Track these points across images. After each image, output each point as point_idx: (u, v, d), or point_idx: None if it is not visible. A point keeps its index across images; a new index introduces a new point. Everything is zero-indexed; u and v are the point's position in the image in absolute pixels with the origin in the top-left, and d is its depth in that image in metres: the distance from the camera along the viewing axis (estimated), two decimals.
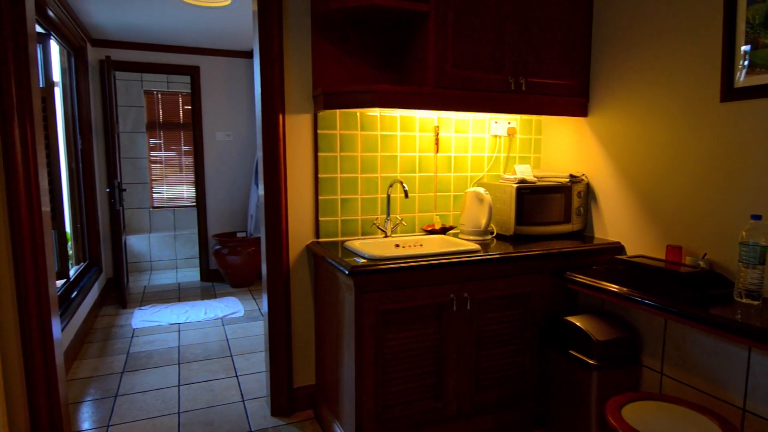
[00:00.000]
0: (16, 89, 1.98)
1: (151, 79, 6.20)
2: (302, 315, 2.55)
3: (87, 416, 2.61)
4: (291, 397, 2.57)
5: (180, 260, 6.25)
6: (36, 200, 2.06)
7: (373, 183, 2.58)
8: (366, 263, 1.96)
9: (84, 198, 4.45)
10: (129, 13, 3.88)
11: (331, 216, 2.51)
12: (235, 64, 5.31)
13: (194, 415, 2.59)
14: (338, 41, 2.44)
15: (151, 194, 6.40)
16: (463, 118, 2.75)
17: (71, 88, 4.34)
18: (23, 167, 2.02)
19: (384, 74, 2.54)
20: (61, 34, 3.80)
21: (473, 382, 2.22)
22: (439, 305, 2.10)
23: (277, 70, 2.34)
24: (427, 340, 2.10)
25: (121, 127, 6.05)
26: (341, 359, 2.15)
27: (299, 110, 2.43)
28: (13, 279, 2.05)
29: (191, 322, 4.10)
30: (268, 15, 2.29)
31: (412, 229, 2.70)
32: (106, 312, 4.41)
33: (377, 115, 2.55)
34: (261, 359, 3.32)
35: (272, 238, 2.43)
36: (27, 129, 2.02)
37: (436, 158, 2.71)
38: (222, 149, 5.38)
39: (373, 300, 1.96)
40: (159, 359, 3.34)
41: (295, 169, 2.45)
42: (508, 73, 2.40)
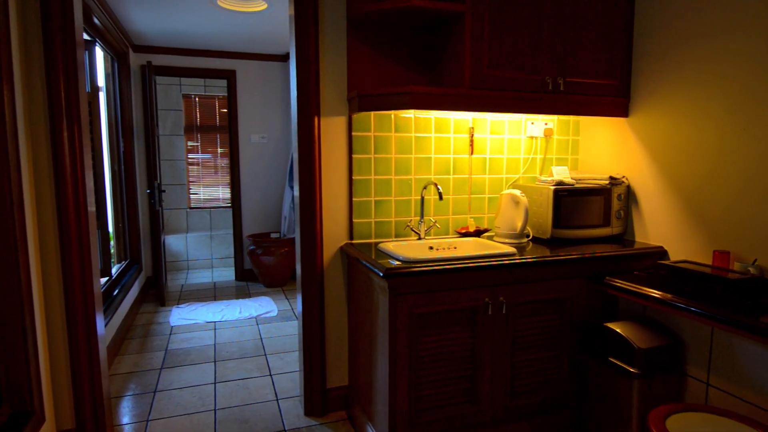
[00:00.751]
0: (65, 94, 2.07)
1: (189, 83, 6.37)
2: (335, 316, 2.57)
3: (127, 410, 2.69)
4: (324, 398, 2.58)
5: (216, 260, 6.40)
6: (83, 200, 2.14)
7: (407, 185, 2.57)
8: (400, 265, 1.95)
9: (126, 198, 4.61)
10: (169, 19, 4.00)
11: (364, 218, 2.52)
12: (270, 68, 5.40)
13: (230, 413, 2.64)
14: (373, 43, 2.44)
15: (189, 195, 6.56)
16: (498, 119, 2.71)
17: (114, 93, 4.50)
18: (71, 169, 2.10)
19: (419, 76, 2.53)
20: (106, 40, 3.95)
21: (508, 387, 2.19)
22: (473, 309, 2.07)
23: (313, 73, 2.36)
24: (461, 344, 2.08)
25: (161, 130, 6.23)
26: (374, 361, 2.15)
27: (334, 112, 2.45)
28: (61, 276, 2.13)
29: (226, 321, 4.18)
30: (304, 18, 2.32)
31: (446, 232, 2.67)
32: (145, 309, 4.54)
33: (411, 116, 2.54)
34: (294, 359, 3.36)
35: (307, 239, 2.45)
36: (75, 132, 2.11)
37: (470, 160, 2.68)
38: (257, 151, 5.47)
39: (407, 302, 1.95)
40: (196, 356, 3.42)
41: (329, 171, 2.47)
42: (546, 73, 2.35)
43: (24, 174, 1.95)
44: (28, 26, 2.00)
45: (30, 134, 2.04)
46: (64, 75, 2.06)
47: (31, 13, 2.00)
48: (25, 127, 1.99)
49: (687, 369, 2.15)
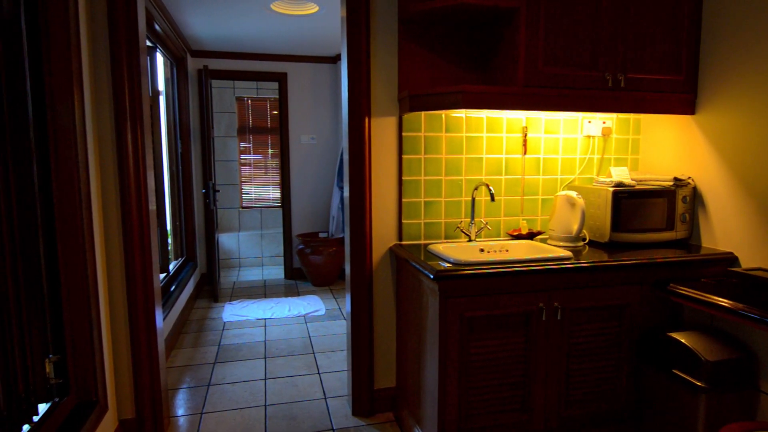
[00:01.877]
0: (129, 98, 2.16)
1: (242, 86, 6.56)
2: (384, 317, 2.56)
3: (182, 403, 2.78)
4: (372, 398, 2.58)
5: (266, 258, 6.55)
6: (144, 199, 2.23)
7: (458, 185, 2.53)
8: (451, 268, 1.92)
9: (183, 198, 4.79)
10: (224, 24, 4.12)
11: (414, 219, 2.50)
12: (320, 70, 5.48)
13: (279, 409, 2.69)
14: (424, 43, 2.42)
15: (241, 195, 6.76)
16: (553, 118, 2.62)
17: (173, 96, 4.69)
18: (134, 169, 2.19)
19: (470, 75, 2.49)
20: (166, 46, 4.12)
21: (562, 396, 2.11)
22: (527, 314, 2.01)
23: (364, 74, 2.36)
24: (513, 350, 2.02)
25: (215, 131, 6.45)
26: (423, 364, 2.13)
27: (384, 113, 2.44)
28: (124, 272, 2.23)
29: (276, 318, 4.27)
30: (356, 20, 2.32)
31: (497, 234, 2.61)
32: (199, 305, 4.71)
33: (463, 116, 2.50)
34: (342, 358, 3.38)
35: (356, 239, 2.45)
36: (137, 134, 2.20)
37: (523, 160, 2.61)
38: (306, 152, 5.56)
39: (458, 305, 1.92)
40: (247, 352, 3.51)
41: (379, 171, 2.46)
42: (605, 69, 2.25)
43: (91, 174, 2.06)
44: (96, 35, 2.11)
45: (97, 136, 2.15)
46: (129, 80, 2.16)
47: (100, 22, 2.11)
48: (92, 129, 2.10)
49: (760, 384, 2.00)
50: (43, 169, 1.80)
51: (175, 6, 3.64)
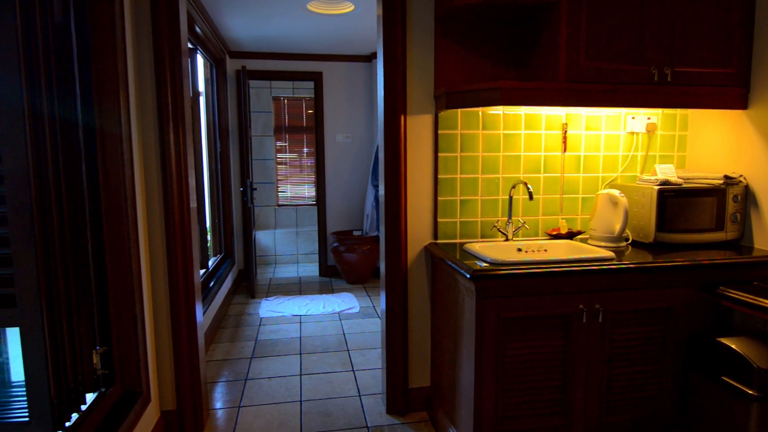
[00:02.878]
0: (171, 99, 2.22)
1: (278, 86, 6.66)
2: (419, 316, 2.55)
3: (220, 396, 2.85)
4: (406, 397, 2.58)
5: (301, 255, 6.64)
6: (186, 197, 2.29)
7: (494, 184, 2.49)
8: (488, 267, 1.89)
9: (221, 196, 4.90)
10: (262, 25, 4.19)
11: (450, 217, 2.47)
12: (354, 69, 5.50)
13: (314, 405, 2.71)
14: (461, 39, 2.39)
15: (277, 193, 6.87)
16: (595, 114, 2.54)
17: (213, 97, 4.80)
18: (176, 168, 2.25)
19: (508, 70, 2.44)
20: (206, 48, 4.22)
21: (603, 401, 2.04)
22: (566, 316, 1.96)
23: (400, 72, 2.35)
24: (552, 352, 1.97)
25: (253, 131, 6.57)
26: (459, 364, 2.11)
27: (420, 111, 2.42)
28: (167, 267, 2.30)
29: (311, 315, 4.32)
30: (392, 18, 2.32)
31: (535, 233, 2.56)
32: (237, 300, 4.81)
33: (500, 113, 2.46)
34: (376, 356, 3.38)
35: (391, 238, 2.45)
36: (180, 134, 2.26)
37: (563, 158, 2.54)
38: (341, 151, 5.59)
39: (495, 306, 1.89)
40: (283, 348, 3.56)
41: (414, 169, 2.45)
42: (651, 63, 2.16)
43: (136, 172, 2.12)
44: (140, 38, 2.18)
45: (141, 136, 2.22)
46: (171, 81, 2.22)
47: (144, 25, 2.17)
48: (137, 129, 2.17)
49: None
50: (91, 169, 1.87)
51: (215, 8, 3.72)
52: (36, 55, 1.43)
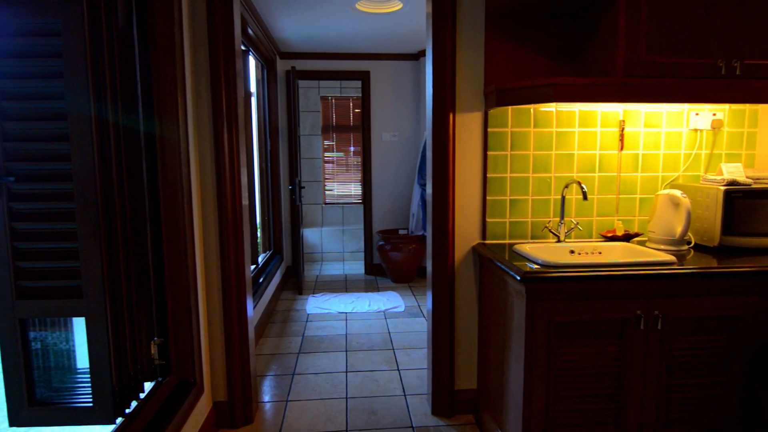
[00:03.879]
0: (225, 100, 2.29)
1: (326, 86, 6.75)
2: (466, 317, 2.51)
3: (269, 389, 2.92)
4: (452, 399, 2.55)
5: (347, 253, 6.71)
6: (238, 195, 2.35)
7: (546, 183, 2.42)
8: (539, 269, 1.83)
9: (271, 194, 5.02)
10: (311, 26, 4.25)
11: (499, 217, 2.42)
12: (402, 67, 5.49)
13: (360, 402, 2.73)
14: (511, 35, 2.33)
15: (324, 191, 6.97)
16: (655, 110, 2.42)
17: (263, 97, 4.92)
18: (229, 166, 2.32)
19: (561, 66, 2.36)
20: (257, 49, 4.33)
21: (661, 413, 1.94)
22: (622, 322, 1.87)
23: (450, 69, 2.32)
24: (606, 359, 1.89)
25: (301, 130, 6.69)
26: (507, 368, 2.06)
27: (469, 108, 2.39)
28: (220, 262, 2.37)
29: (357, 313, 4.35)
30: (442, 15, 2.29)
31: (589, 235, 2.46)
32: (285, 296, 4.91)
33: (553, 110, 2.38)
34: (421, 356, 3.37)
35: (438, 237, 2.43)
36: (233, 134, 2.33)
37: (620, 156, 2.44)
38: (388, 149, 5.60)
39: (546, 309, 1.83)
40: (329, 345, 3.60)
41: (463, 168, 2.41)
42: (718, 56, 2.04)
43: (192, 171, 2.20)
44: (197, 41, 2.25)
45: (197, 136, 2.30)
46: (225, 83, 2.29)
47: (200, 29, 2.25)
48: (193, 129, 2.25)
49: None
50: (150, 168, 1.96)
51: (266, 10, 3.81)
52: (102, 60, 1.51)
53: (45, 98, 1.43)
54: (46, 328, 1.62)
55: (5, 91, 1.40)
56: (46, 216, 1.47)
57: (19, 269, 1.46)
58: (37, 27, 1.41)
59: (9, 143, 1.42)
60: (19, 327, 1.49)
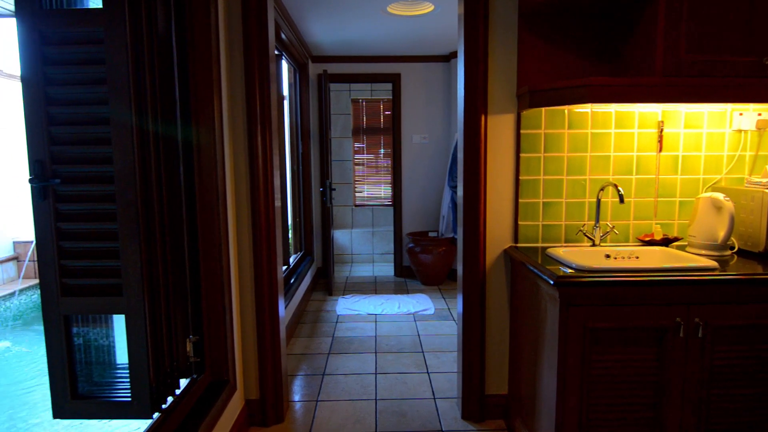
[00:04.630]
0: (259, 104, 2.33)
1: (357, 89, 6.80)
2: (497, 321, 2.48)
3: (299, 389, 2.95)
4: (482, 404, 2.52)
5: (376, 255, 6.73)
6: (271, 197, 2.39)
7: (580, 186, 2.37)
8: (573, 274, 1.79)
9: (302, 195, 5.09)
10: (342, 29, 4.29)
11: (531, 220, 2.39)
12: (432, 69, 5.48)
13: (389, 404, 2.73)
14: (545, 36, 2.30)
15: (354, 193, 7.01)
16: (695, 111, 2.34)
17: (296, 100, 4.99)
18: (262, 168, 2.36)
19: (597, 66, 2.31)
20: (290, 53, 4.39)
21: (702, 424, 1.87)
22: (661, 329, 1.81)
23: (482, 71, 2.30)
24: (643, 367, 1.83)
25: (332, 132, 6.76)
26: (539, 373, 2.02)
27: (501, 110, 2.36)
28: (252, 262, 2.42)
29: (386, 315, 4.36)
30: (474, 16, 2.27)
31: (626, 239, 2.40)
32: (315, 297, 4.96)
33: (588, 111, 2.33)
34: (451, 359, 3.35)
35: (469, 240, 2.41)
36: (266, 137, 2.37)
37: (658, 158, 2.36)
38: (418, 151, 5.60)
39: (580, 315, 1.79)
40: (359, 346, 3.62)
41: (494, 170, 2.39)
42: (763, 53, 1.96)
43: (227, 173, 2.25)
44: (232, 46, 2.30)
45: (232, 139, 2.35)
46: (259, 87, 2.33)
47: (236, 35, 2.30)
48: (228, 132, 2.30)
49: None
50: (187, 170, 2.01)
51: (299, 15, 3.86)
52: (142, 66, 1.56)
53: (89, 103, 1.49)
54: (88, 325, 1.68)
55: (52, 98, 1.47)
56: (89, 216, 1.53)
57: (64, 267, 1.53)
58: (81, 35, 1.47)
59: (55, 147, 1.48)
60: (64, 323, 1.55)
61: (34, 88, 1.45)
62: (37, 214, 1.50)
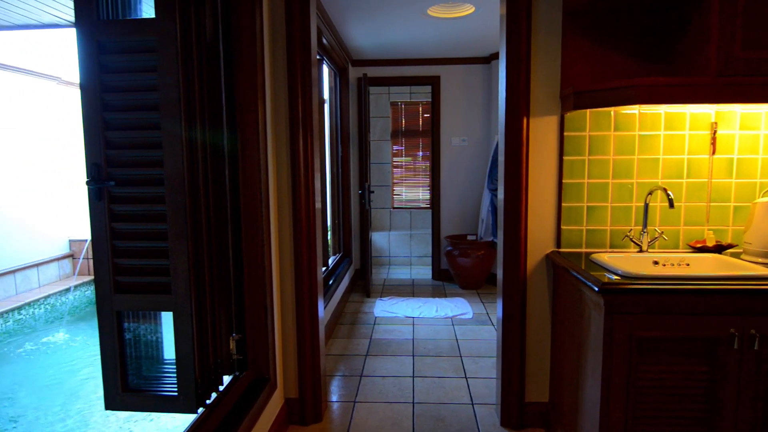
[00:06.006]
0: (301, 108, 2.38)
1: (396, 92, 6.82)
2: (537, 327, 2.43)
3: (337, 389, 2.98)
4: (522, 411, 2.47)
5: (414, 258, 6.72)
6: (312, 199, 2.43)
7: (627, 189, 2.29)
8: (619, 280, 1.74)
9: (341, 197, 5.14)
10: (382, 33, 4.31)
11: (574, 225, 2.33)
12: (472, 71, 5.43)
13: (426, 408, 2.72)
14: (591, 35, 2.24)
15: (392, 196, 7.02)
16: (752, 112, 2.22)
17: (336, 104, 5.05)
18: (303, 171, 2.41)
19: (644, 66, 2.23)
20: (331, 58, 4.45)
21: None
22: (713, 340, 1.73)
23: (524, 72, 2.27)
24: (693, 380, 1.75)
25: (371, 135, 6.80)
26: (582, 382, 1.97)
27: (544, 112, 2.31)
28: (293, 263, 2.46)
29: (423, 318, 4.34)
30: (516, 16, 2.24)
31: (675, 245, 2.30)
32: (353, 299, 5.00)
33: (635, 112, 2.25)
34: (489, 364, 3.30)
35: (510, 244, 2.37)
36: (308, 140, 2.41)
37: (711, 161, 2.26)
38: (457, 154, 5.55)
39: (626, 323, 1.73)
40: (396, 348, 3.62)
41: (536, 173, 2.35)
42: None
43: (270, 176, 2.30)
44: (276, 52, 2.36)
45: (275, 141, 2.40)
46: (302, 91, 2.37)
47: (279, 40, 2.35)
48: (271, 135, 2.35)
49: None
50: (232, 173, 2.07)
51: (340, 20, 3.91)
52: (191, 72, 1.62)
53: (141, 109, 1.56)
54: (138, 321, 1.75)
55: (108, 104, 1.54)
56: (140, 217, 1.60)
57: (117, 266, 1.60)
58: (135, 44, 1.54)
59: (111, 151, 1.56)
60: (116, 318, 1.63)
61: (91, 95, 1.53)
62: (93, 215, 1.58)
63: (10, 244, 5.36)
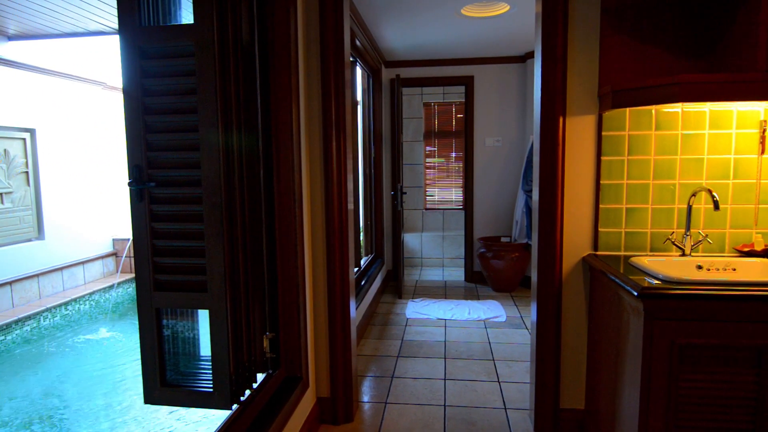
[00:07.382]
0: (334, 109, 2.40)
1: (429, 92, 6.79)
2: (573, 332, 2.37)
3: (368, 390, 2.98)
4: (556, 418, 2.42)
5: (446, 259, 6.67)
6: (344, 199, 2.45)
7: (669, 191, 2.21)
8: (660, 285, 1.68)
9: (374, 198, 5.16)
10: (415, 34, 4.31)
11: (613, 227, 2.26)
12: (507, 70, 5.35)
13: (458, 411, 2.69)
14: (630, 32, 2.17)
15: (425, 197, 6.99)
16: None
17: (369, 105, 5.08)
18: (336, 172, 2.42)
19: (687, 63, 2.15)
20: (364, 59, 4.48)
21: None
22: (761, 348, 1.65)
23: (560, 71, 2.22)
24: (740, 390, 1.67)
25: (404, 136, 6.79)
26: (620, 390, 1.91)
27: (581, 111, 2.26)
28: (326, 263, 2.48)
29: (456, 320, 4.30)
30: (552, 14, 2.20)
31: (721, 249, 2.21)
32: (385, 300, 5.00)
33: (678, 111, 2.17)
34: (523, 369, 3.24)
35: (545, 247, 2.32)
36: (341, 141, 2.42)
37: (760, 161, 2.15)
38: (490, 155, 5.49)
39: (667, 330, 1.67)
40: (428, 350, 3.60)
41: (572, 174, 2.29)
42: None
43: (303, 177, 2.33)
44: (310, 54, 2.39)
45: (308, 142, 2.43)
46: (335, 93, 2.39)
47: (313, 42, 2.38)
48: (305, 137, 2.38)
49: None
50: (267, 174, 2.10)
51: (373, 21, 3.93)
52: (228, 76, 1.65)
53: (180, 112, 1.60)
54: (176, 318, 1.80)
55: (149, 107, 1.60)
56: (178, 217, 1.64)
57: (156, 264, 1.65)
58: (175, 49, 1.58)
59: (151, 153, 1.61)
60: (155, 315, 1.68)
61: (133, 99, 1.58)
62: (135, 215, 1.63)
63: (57, 242, 5.62)
